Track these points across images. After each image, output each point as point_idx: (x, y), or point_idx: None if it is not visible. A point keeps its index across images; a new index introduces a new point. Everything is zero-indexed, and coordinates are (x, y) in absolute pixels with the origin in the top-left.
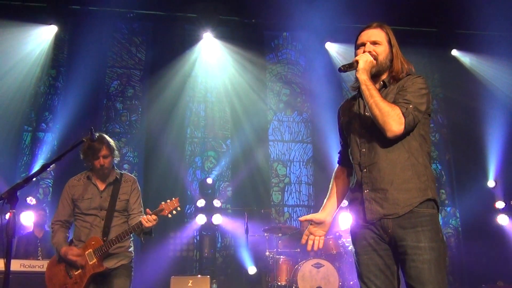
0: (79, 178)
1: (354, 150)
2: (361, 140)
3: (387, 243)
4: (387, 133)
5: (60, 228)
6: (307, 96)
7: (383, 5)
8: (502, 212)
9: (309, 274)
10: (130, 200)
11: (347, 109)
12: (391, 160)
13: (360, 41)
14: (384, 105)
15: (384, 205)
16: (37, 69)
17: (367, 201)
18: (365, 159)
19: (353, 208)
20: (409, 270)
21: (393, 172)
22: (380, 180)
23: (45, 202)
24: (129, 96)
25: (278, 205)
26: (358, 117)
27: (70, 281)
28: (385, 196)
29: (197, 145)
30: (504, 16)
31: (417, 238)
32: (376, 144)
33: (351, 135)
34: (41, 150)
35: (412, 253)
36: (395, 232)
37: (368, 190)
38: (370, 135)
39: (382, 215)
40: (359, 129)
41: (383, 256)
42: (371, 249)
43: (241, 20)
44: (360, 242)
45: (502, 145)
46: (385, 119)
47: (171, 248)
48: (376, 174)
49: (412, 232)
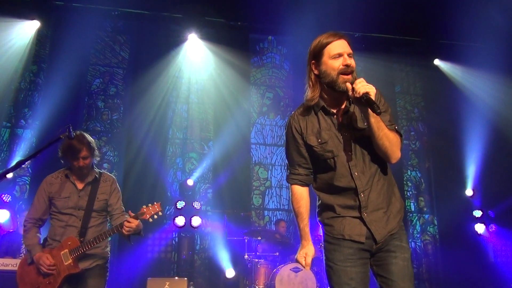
0: (57, 175)
1: (343, 173)
2: (350, 163)
3: (372, 250)
4: (392, 160)
5: (33, 228)
6: (290, 100)
7: (368, 13)
8: (479, 221)
9: (287, 278)
10: (110, 201)
11: (313, 127)
12: (381, 182)
13: (336, 52)
14: (391, 135)
15: (386, 223)
16: (18, 65)
17: (372, 224)
18: (360, 183)
19: (337, 222)
20: (390, 266)
21: (385, 191)
22: (379, 202)
23: (22, 199)
24: (111, 95)
25: (259, 209)
26: (338, 139)
27: (43, 281)
28: (385, 215)
29: (179, 146)
30: (486, 28)
31: (400, 239)
32: (367, 168)
33: (335, 158)
34: (19, 147)
35: (396, 250)
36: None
37: (367, 213)
38: (360, 159)
39: (387, 233)
40: (345, 152)
41: (363, 265)
42: (355, 257)
43: (227, 22)
44: (342, 251)
45: (480, 154)
46: (394, 148)
47: (149, 250)
48: (373, 196)
49: (396, 233)
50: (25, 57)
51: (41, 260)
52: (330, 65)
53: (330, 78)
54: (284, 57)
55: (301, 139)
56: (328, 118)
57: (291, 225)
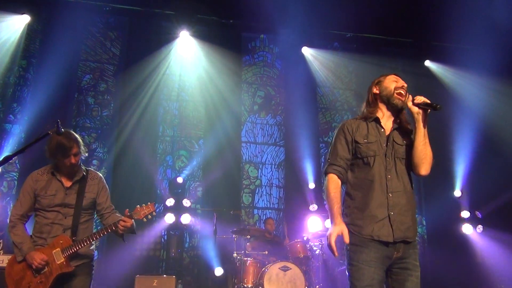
0: (43, 172)
1: (380, 173)
2: (388, 167)
3: (392, 259)
4: (422, 171)
5: (21, 224)
6: (281, 99)
7: (360, 14)
8: (467, 222)
9: (276, 277)
10: (99, 200)
11: (362, 131)
12: (408, 192)
13: (400, 83)
14: (430, 149)
15: (405, 229)
16: (7, 59)
17: (394, 223)
18: (391, 184)
19: (368, 224)
20: (407, 282)
21: (409, 202)
22: (403, 207)
23: (10, 195)
24: (101, 91)
25: (248, 207)
26: (381, 145)
27: (34, 280)
28: (406, 221)
29: (169, 144)
30: (477, 30)
31: (415, 258)
32: (400, 178)
33: (375, 158)
34: (7, 142)
35: (413, 269)
36: (404, 251)
37: (394, 213)
38: (395, 165)
39: (404, 237)
40: (383, 156)
41: (383, 271)
42: (379, 262)
43: (219, 20)
44: (368, 254)
45: (469, 156)
46: (428, 160)
47: (138, 247)
48: (399, 200)
49: (413, 252)
50: (14, 52)
51: (35, 255)
52: (389, 84)
53: (387, 92)
54: (276, 56)
55: (350, 136)
56: (377, 128)
57: (280, 224)
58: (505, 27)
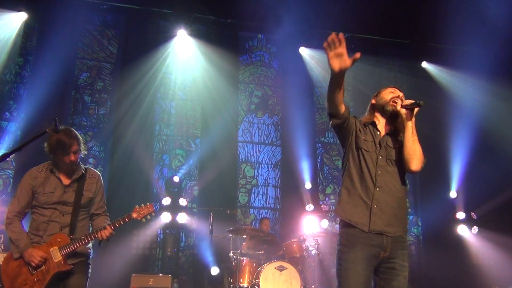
0: (41, 169)
1: (371, 167)
2: (378, 163)
3: (379, 258)
4: (413, 167)
5: (18, 221)
6: (278, 99)
7: (358, 14)
8: (462, 222)
9: (271, 276)
10: (95, 199)
11: (363, 130)
12: (397, 192)
13: (396, 94)
14: (419, 146)
15: (384, 223)
16: (4, 57)
17: (374, 215)
18: (381, 179)
19: (351, 209)
20: (393, 282)
21: (397, 203)
22: (388, 204)
23: (5, 193)
24: (98, 89)
25: (244, 207)
26: (375, 144)
27: (31, 277)
28: (387, 218)
29: (166, 143)
30: (473, 32)
31: (403, 259)
32: (391, 175)
33: (370, 154)
34: (3, 140)
35: (400, 269)
36: (391, 251)
37: (376, 206)
38: (387, 165)
39: (382, 230)
40: (376, 154)
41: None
42: (366, 262)
43: (217, 19)
44: (355, 254)
45: (465, 157)
46: (418, 156)
47: (134, 246)
48: (385, 197)
49: (401, 253)
50: (11, 49)
51: (34, 252)
52: (385, 95)
53: (383, 101)
54: (273, 56)
55: (356, 126)
56: (374, 131)
57: (276, 224)
58: (501, 29)
